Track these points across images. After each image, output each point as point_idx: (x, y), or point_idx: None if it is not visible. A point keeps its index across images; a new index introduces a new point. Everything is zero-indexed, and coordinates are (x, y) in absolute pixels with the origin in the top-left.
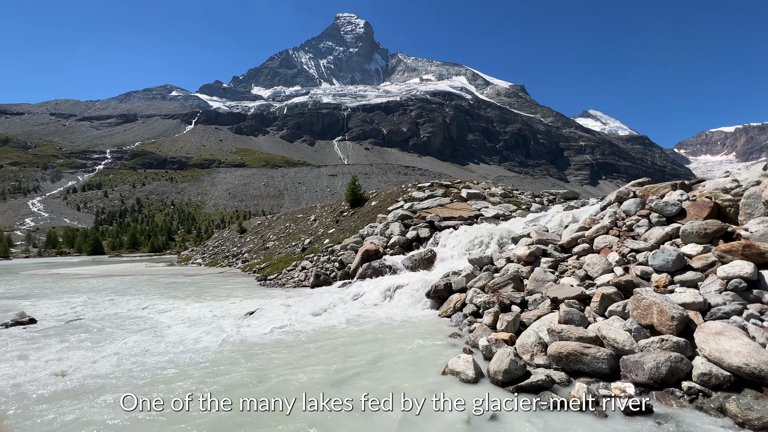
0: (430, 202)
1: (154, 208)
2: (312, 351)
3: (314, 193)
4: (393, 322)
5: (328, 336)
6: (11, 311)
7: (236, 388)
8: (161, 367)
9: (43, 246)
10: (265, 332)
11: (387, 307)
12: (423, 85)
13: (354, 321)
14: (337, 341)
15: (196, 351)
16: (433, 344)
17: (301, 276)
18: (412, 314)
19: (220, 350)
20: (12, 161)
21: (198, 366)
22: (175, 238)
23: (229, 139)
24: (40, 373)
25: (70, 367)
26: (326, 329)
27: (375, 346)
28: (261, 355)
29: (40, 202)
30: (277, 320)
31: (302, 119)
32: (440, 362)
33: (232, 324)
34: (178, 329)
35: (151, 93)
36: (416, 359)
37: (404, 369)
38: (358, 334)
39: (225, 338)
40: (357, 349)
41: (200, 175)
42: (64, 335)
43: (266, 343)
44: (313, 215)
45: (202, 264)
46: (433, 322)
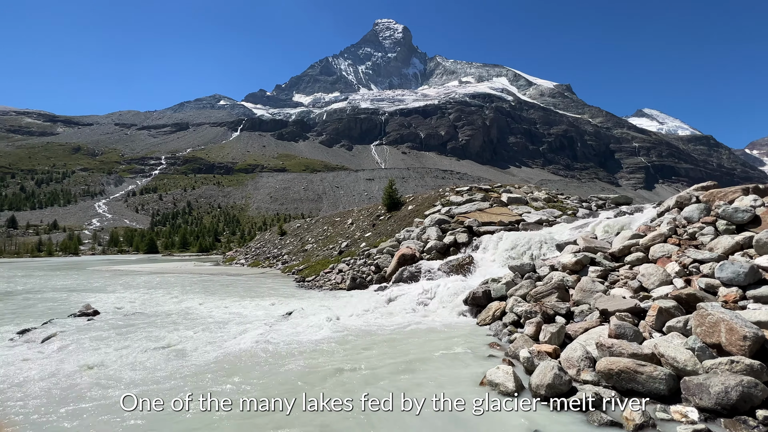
0: (468, 206)
1: (202, 211)
2: (344, 354)
3: (351, 197)
4: (429, 328)
5: (362, 339)
6: (79, 303)
7: (270, 387)
8: (205, 362)
9: (106, 244)
10: (301, 333)
11: (423, 313)
12: (462, 87)
13: (388, 325)
14: (370, 345)
15: (239, 348)
16: (471, 353)
17: (338, 279)
18: (449, 320)
19: (257, 348)
20: (82, 167)
21: (240, 362)
22: (221, 239)
23: (271, 144)
24: (83, 366)
25: (107, 360)
26: (361, 332)
27: (409, 351)
28: (299, 355)
29: (105, 204)
30: (314, 321)
31: (341, 124)
32: (478, 372)
33: (272, 323)
34: (223, 326)
35: (202, 102)
36: (452, 367)
37: (439, 376)
38: (392, 338)
39: (262, 338)
40: (391, 352)
41: (245, 180)
42: (121, 327)
43: (303, 343)
44: (350, 219)
45: (245, 264)
46: (471, 330)
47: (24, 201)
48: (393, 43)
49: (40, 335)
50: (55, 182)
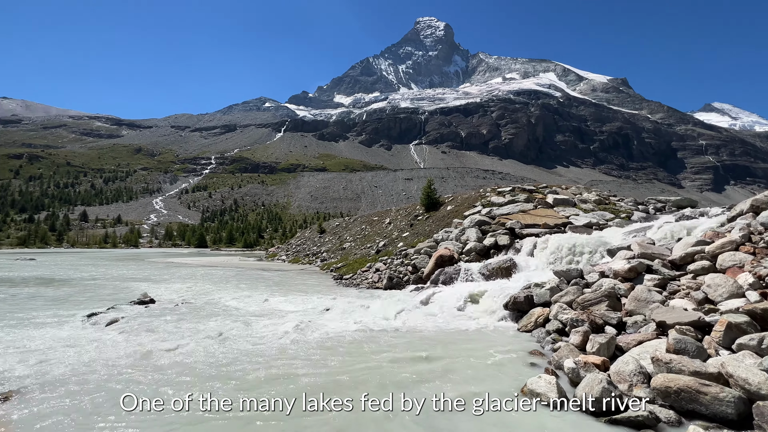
0: (510, 207)
1: (247, 208)
2: (379, 353)
3: (390, 197)
4: (467, 332)
5: (397, 339)
6: (138, 291)
7: (299, 377)
8: (243, 351)
9: (162, 238)
10: (339, 329)
11: (460, 315)
12: (506, 84)
13: (425, 326)
14: (406, 345)
15: (277, 341)
16: (510, 359)
17: (375, 278)
18: (488, 325)
19: (292, 342)
20: (143, 167)
21: (278, 354)
22: (264, 236)
23: (312, 145)
24: (143, 347)
25: (163, 344)
26: (396, 332)
27: (446, 353)
28: (334, 351)
29: (161, 201)
30: (351, 319)
31: (380, 124)
32: (518, 380)
33: (309, 319)
34: (263, 320)
35: (248, 105)
36: (491, 373)
37: (477, 382)
38: (428, 340)
39: (299, 333)
40: (427, 354)
41: (287, 179)
42: (173, 315)
43: (339, 340)
44: (388, 218)
45: (285, 261)
46: (511, 336)
47: (93, 197)
48: (434, 41)
49: (105, 319)
50: (120, 180)
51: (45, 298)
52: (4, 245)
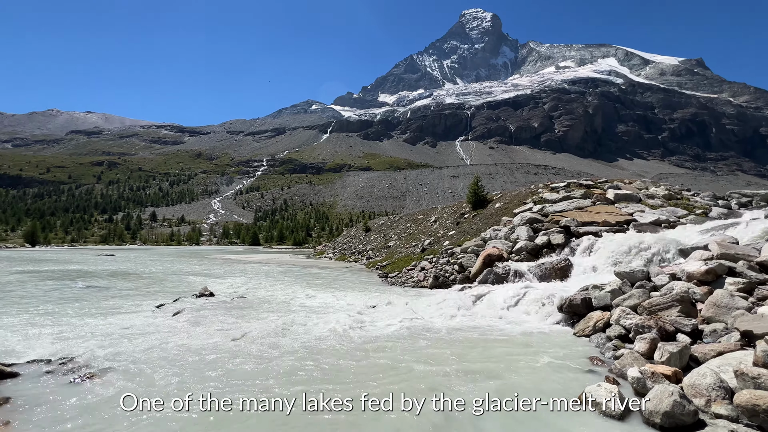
0: (565, 204)
1: (296, 208)
2: (423, 352)
3: (435, 195)
4: (517, 334)
5: (444, 339)
6: (199, 285)
7: (350, 372)
8: (298, 344)
9: (219, 236)
10: (385, 327)
11: (510, 317)
12: (559, 73)
13: (472, 327)
14: (454, 345)
15: (326, 336)
16: (565, 365)
17: (420, 276)
18: (539, 328)
19: (341, 337)
20: (202, 170)
21: (327, 349)
22: (312, 234)
23: (357, 144)
24: (206, 336)
25: (223, 334)
26: (443, 332)
27: (494, 356)
28: (379, 348)
29: (219, 201)
30: (396, 317)
31: (424, 122)
32: (574, 386)
33: (356, 315)
34: (312, 315)
35: (296, 108)
36: (544, 378)
37: (529, 387)
38: (476, 341)
39: (348, 328)
40: (473, 355)
41: (333, 179)
42: (232, 308)
43: (384, 338)
44: (433, 217)
45: (332, 258)
46: (567, 341)
47: (161, 199)
48: (480, 33)
49: (171, 309)
50: (183, 183)
51: (122, 290)
52: (90, 242)
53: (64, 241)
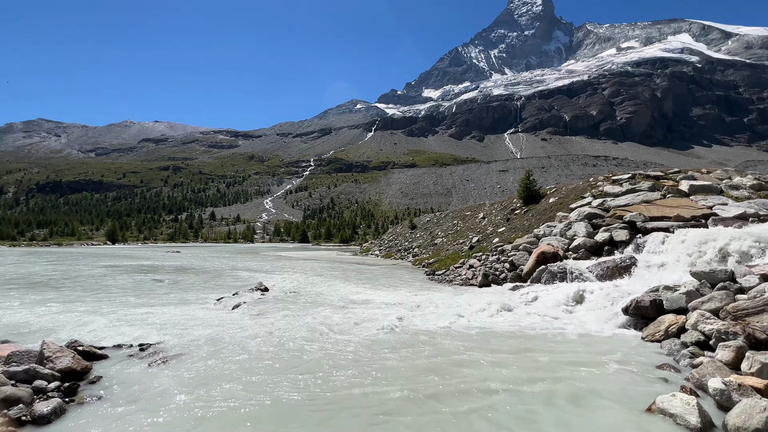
0: (630, 197)
1: (342, 206)
2: (473, 352)
3: (483, 191)
4: (576, 336)
5: (494, 339)
6: (255, 280)
7: (396, 369)
8: (348, 339)
9: (272, 234)
10: (433, 325)
11: (567, 319)
12: (621, 55)
13: (525, 327)
14: (503, 346)
15: (374, 333)
16: (632, 372)
17: (469, 274)
18: (601, 331)
19: (390, 334)
20: (255, 171)
21: (375, 345)
22: (358, 232)
23: (402, 141)
24: (264, 328)
25: (279, 327)
26: (493, 332)
27: (553, 359)
28: (428, 346)
29: (271, 201)
30: (446, 315)
31: (471, 115)
32: (643, 396)
33: (403, 312)
34: (361, 310)
35: (341, 108)
36: (608, 386)
37: (591, 395)
38: (529, 342)
39: (399, 325)
40: (527, 358)
41: (378, 177)
42: (285, 302)
43: (433, 335)
44: (481, 213)
45: (378, 255)
46: (633, 346)
47: (219, 199)
48: (531, 18)
49: (231, 303)
50: (238, 184)
51: (187, 284)
52: (159, 240)
53: (138, 238)
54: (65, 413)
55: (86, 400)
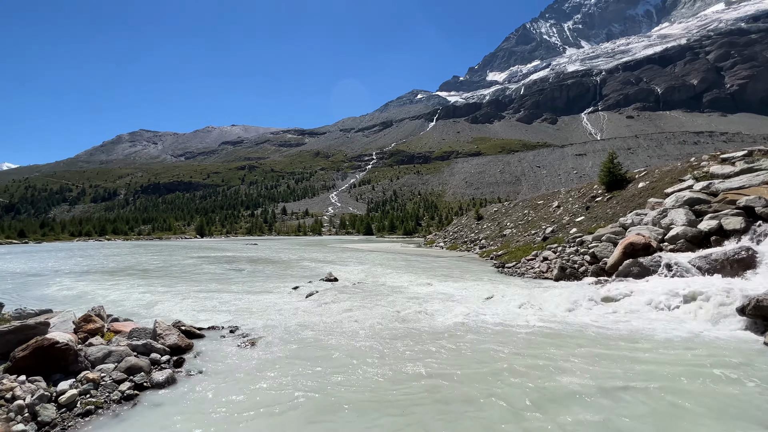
0: (746, 178)
1: (405, 198)
2: (562, 353)
3: (556, 177)
4: (677, 339)
5: (577, 338)
6: (324, 271)
7: (470, 365)
8: (416, 329)
9: (337, 227)
10: (505, 319)
11: (664, 318)
12: (731, 10)
13: (612, 327)
14: (586, 346)
15: (443, 325)
16: (753, 383)
17: (543, 267)
18: (708, 334)
19: (459, 327)
20: (321, 167)
21: (443, 338)
22: (422, 224)
23: (465, 129)
24: (336, 315)
25: (351, 315)
26: (575, 329)
27: (653, 366)
28: (501, 341)
29: (336, 195)
30: (515, 309)
31: (541, 96)
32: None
33: (472, 305)
34: (428, 303)
35: (402, 100)
36: (724, 398)
37: (710, 411)
38: (622, 345)
39: (469, 318)
40: (617, 361)
41: (441, 167)
42: (353, 292)
43: (506, 329)
44: (555, 201)
45: (443, 247)
46: (754, 351)
47: (289, 195)
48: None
49: (305, 291)
50: (305, 180)
51: (264, 273)
52: (239, 233)
53: (221, 232)
54: (175, 382)
55: (191, 373)
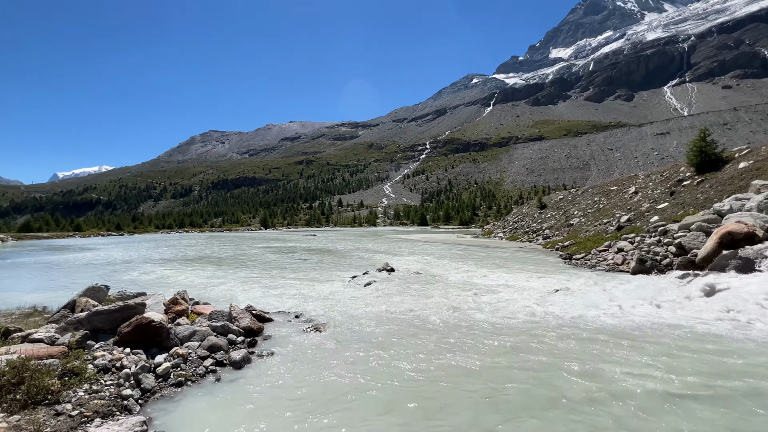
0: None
1: (461, 187)
2: (648, 356)
3: (632, 160)
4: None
5: (665, 339)
6: (381, 261)
7: (539, 362)
8: (476, 320)
9: (392, 218)
10: (575, 313)
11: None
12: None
13: (711, 326)
14: (684, 350)
15: (504, 318)
16: None
17: (618, 259)
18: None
19: (528, 321)
20: (375, 159)
21: (511, 331)
22: (479, 214)
23: (525, 113)
24: (395, 306)
25: (410, 306)
26: (661, 328)
27: (754, 380)
28: (574, 337)
29: (390, 186)
30: (588, 303)
31: (614, 71)
32: None
33: (539, 298)
34: (488, 294)
35: (456, 86)
36: None
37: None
38: (723, 349)
39: (530, 311)
40: (716, 367)
41: (499, 154)
42: (410, 283)
43: (576, 325)
44: (632, 186)
45: (503, 238)
46: None
47: (344, 187)
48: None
49: (363, 281)
50: (360, 172)
51: (323, 263)
52: (299, 225)
53: (283, 224)
54: (250, 362)
55: (263, 354)
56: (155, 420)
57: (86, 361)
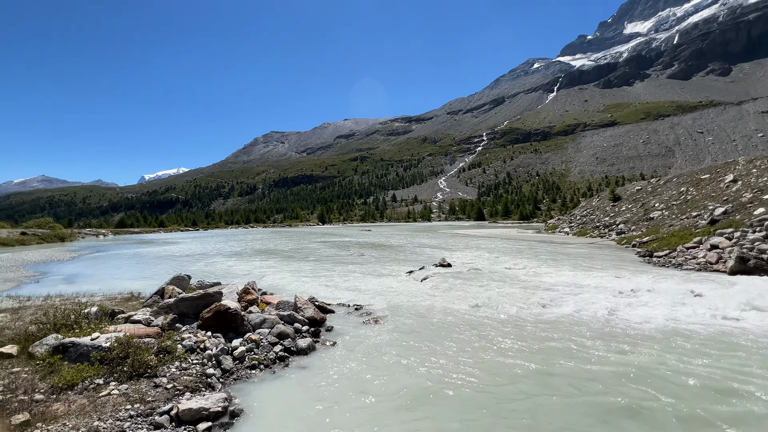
0: None
1: (521, 180)
2: (747, 367)
3: (728, 144)
4: None
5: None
6: (437, 256)
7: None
8: (535, 324)
9: (447, 213)
10: (662, 318)
11: None
12: None
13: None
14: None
15: (571, 318)
16: None
17: (711, 257)
18: None
19: (595, 325)
20: (429, 153)
21: (585, 334)
22: (541, 207)
23: (595, 97)
24: (453, 301)
25: (470, 302)
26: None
27: None
28: (659, 345)
29: (444, 180)
30: (677, 307)
31: (706, 42)
32: None
33: (615, 300)
34: (554, 293)
35: (515, 73)
36: None
37: None
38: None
39: (605, 314)
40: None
41: (563, 143)
42: (468, 278)
43: (665, 330)
44: (730, 175)
45: (569, 233)
46: None
47: (398, 183)
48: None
49: (419, 276)
50: (413, 167)
51: (380, 257)
52: (354, 220)
53: (339, 219)
54: (315, 350)
55: (326, 343)
56: (235, 399)
57: (176, 341)
